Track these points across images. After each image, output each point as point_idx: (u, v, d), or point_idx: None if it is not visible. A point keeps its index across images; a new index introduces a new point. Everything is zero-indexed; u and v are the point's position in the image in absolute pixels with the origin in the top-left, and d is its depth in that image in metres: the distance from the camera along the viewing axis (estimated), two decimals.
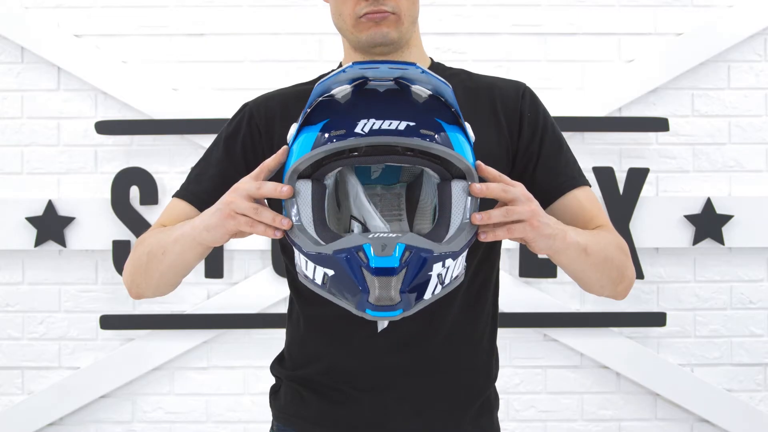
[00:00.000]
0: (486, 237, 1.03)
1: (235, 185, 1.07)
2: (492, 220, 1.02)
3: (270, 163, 1.06)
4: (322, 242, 0.99)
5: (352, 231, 1.06)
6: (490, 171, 1.05)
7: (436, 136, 0.98)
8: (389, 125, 0.96)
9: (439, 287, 1.00)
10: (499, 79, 1.35)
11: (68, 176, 2.63)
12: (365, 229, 1.06)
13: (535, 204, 1.05)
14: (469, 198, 1.02)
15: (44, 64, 2.63)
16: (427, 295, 1.00)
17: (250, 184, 1.04)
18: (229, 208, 1.05)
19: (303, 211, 1.01)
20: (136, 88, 2.61)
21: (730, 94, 2.65)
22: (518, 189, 1.04)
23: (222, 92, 2.63)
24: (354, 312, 0.99)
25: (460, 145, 1.01)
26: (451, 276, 1.02)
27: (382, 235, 0.97)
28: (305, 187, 1.01)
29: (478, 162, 1.05)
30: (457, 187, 1.02)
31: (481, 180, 1.05)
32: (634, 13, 2.64)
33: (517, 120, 1.29)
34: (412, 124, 0.97)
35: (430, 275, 0.98)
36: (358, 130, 0.96)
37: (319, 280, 1.01)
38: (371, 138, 0.96)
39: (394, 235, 0.97)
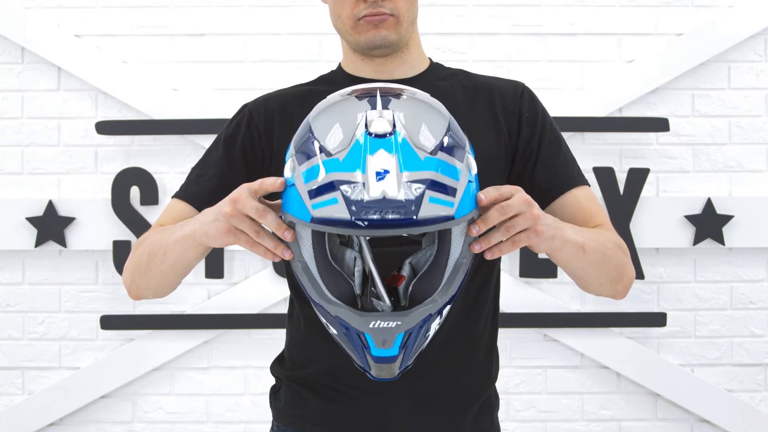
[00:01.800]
0: (492, 255, 1.02)
1: (235, 196, 1.02)
2: (493, 242, 1.01)
3: (269, 186, 1.02)
4: (324, 287, 0.99)
5: (354, 277, 1.03)
6: (487, 196, 1.00)
7: (438, 199, 0.92)
8: (391, 213, 0.89)
9: (433, 330, 1.03)
10: (498, 79, 1.35)
11: (68, 176, 2.63)
12: (364, 278, 1.03)
13: (535, 208, 1.03)
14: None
15: (44, 64, 2.63)
16: (423, 347, 1.04)
17: (250, 201, 1.01)
18: (229, 224, 1.02)
19: (305, 251, 1.00)
20: (137, 88, 2.61)
21: (731, 95, 2.65)
22: (515, 199, 1.01)
23: (222, 92, 2.63)
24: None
25: (468, 191, 0.96)
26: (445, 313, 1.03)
27: (382, 325, 0.95)
28: (306, 232, 0.99)
29: (478, 195, 0.99)
30: (456, 230, 0.99)
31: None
32: (634, 13, 2.64)
33: (516, 120, 1.28)
34: (414, 196, 0.90)
35: (429, 335, 1.02)
36: (358, 218, 0.89)
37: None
38: (373, 231, 0.90)
39: (394, 324, 0.95)
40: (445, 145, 0.95)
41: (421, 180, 0.90)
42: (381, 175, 0.89)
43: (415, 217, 0.89)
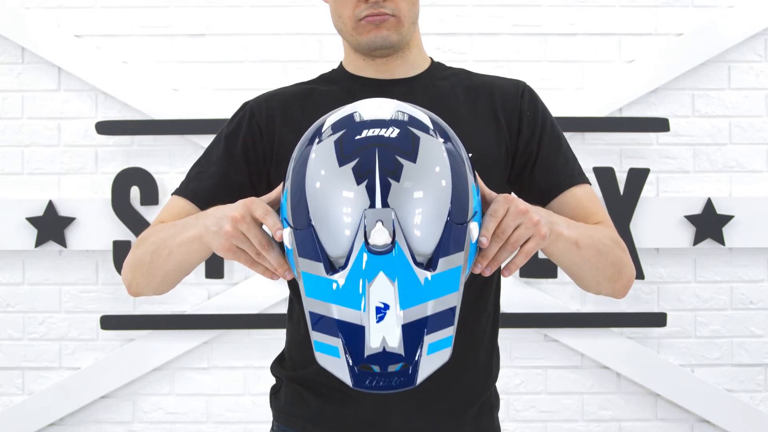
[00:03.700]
0: (510, 272, 1.04)
1: (238, 215, 1.01)
2: (501, 261, 1.01)
3: (270, 227, 1.00)
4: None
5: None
6: (488, 236, 0.98)
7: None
8: (391, 381, 0.92)
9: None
10: (499, 79, 1.35)
11: (69, 176, 2.63)
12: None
13: (530, 212, 1.01)
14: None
15: (45, 64, 2.63)
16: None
17: (253, 228, 1.00)
18: (230, 242, 1.02)
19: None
20: (137, 89, 2.61)
21: (731, 95, 2.65)
22: (508, 219, 0.99)
23: (222, 92, 2.63)
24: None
25: (471, 253, 0.96)
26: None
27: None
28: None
29: (480, 240, 0.98)
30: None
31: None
32: (634, 13, 2.64)
33: (517, 119, 1.28)
34: (414, 352, 0.92)
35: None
36: (360, 387, 0.92)
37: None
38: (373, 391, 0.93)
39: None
40: (444, 242, 0.92)
41: (420, 321, 0.91)
42: (381, 313, 0.90)
43: (415, 382, 0.92)
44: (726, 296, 2.66)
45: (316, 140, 0.96)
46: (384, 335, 0.90)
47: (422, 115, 0.99)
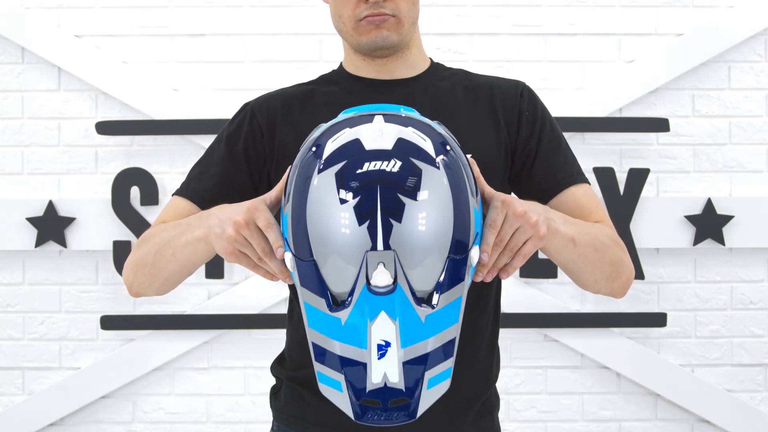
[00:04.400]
0: (508, 274, 1.03)
1: (242, 220, 1.00)
2: (500, 266, 1.01)
3: (273, 242, 1.00)
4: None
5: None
6: (489, 253, 0.99)
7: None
8: (393, 417, 0.94)
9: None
10: (498, 79, 1.35)
11: (69, 177, 2.63)
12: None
13: (529, 211, 1.01)
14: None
15: (45, 64, 2.63)
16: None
17: (256, 236, 1.00)
18: (233, 246, 1.02)
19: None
20: (137, 89, 2.61)
21: (731, 95, 2.65)
22: (506, 227, 0.99)
23: (222, 92, 2.63)
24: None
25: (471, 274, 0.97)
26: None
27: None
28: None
29: (481, 257, 0.98)
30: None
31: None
32: (634, 13, 2.64)
33: (516, 119, 1.28)
34: (414, 387, 0.94)
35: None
36: (362, 420, 0.94)
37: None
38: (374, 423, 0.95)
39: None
40: (445, 278, 0.93)
41: (421, 357, 0.93)
42: (383, 351, 0.91)
43: (416, 416, 0.94)
44: (726, 296, 2.66)
45: (318, 166, 0.94)
46: (385, 371, 0.91)
47: (422, 141, 0.96)
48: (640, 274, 2.57)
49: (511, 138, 1.28)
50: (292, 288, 1.31)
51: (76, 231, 2.59)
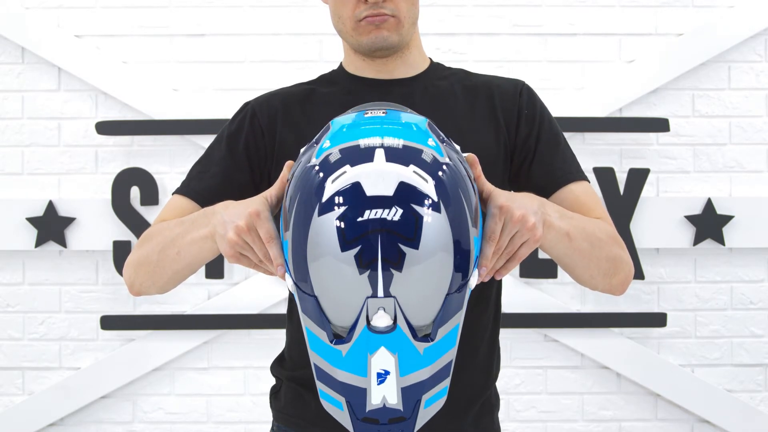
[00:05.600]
0: (501, 275, 1.04)
1: (244, 225, 1.01)
2: (497, 268, 1.02)
3: (273, 257, 1.00)
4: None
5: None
6: (488, 267, 1.00)
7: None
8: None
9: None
10: (498, 78, 1.35)
11: (69, 177, 2.63)
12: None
13: (528, 213, 1.00)
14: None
15: (45, 64, 2.63)
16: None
17: (258, 243, 1.01)
18: (234, 250, 1.03)
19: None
20: (137, 89, 2.61)
21: (731, 95, 2.65)
22: (504, 234, 0.99)
23: (222, 93, 2.63)
24: None
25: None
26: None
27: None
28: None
29: (481, 273, 0.99)
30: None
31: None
32: (634, 13, 2.64)
33: (515, 117, 1.28)
34: (412, 409, 0.97)
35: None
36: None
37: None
38: None
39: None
40: (444, 313, 0.94)
41: (419, 383, 0.96)
42: (382, 378, 0.95)
43: (413, 431, 0.98)
44: (726, 296, 2.66)
45: (317, 207, 0.92)
46: (384, 394, 0.95)
47: (424, 183, 0.92)
48: (640, 274, 2.57)
49: (511, 137, 1.28)
50: None
51: (76, 231, 2.59)
